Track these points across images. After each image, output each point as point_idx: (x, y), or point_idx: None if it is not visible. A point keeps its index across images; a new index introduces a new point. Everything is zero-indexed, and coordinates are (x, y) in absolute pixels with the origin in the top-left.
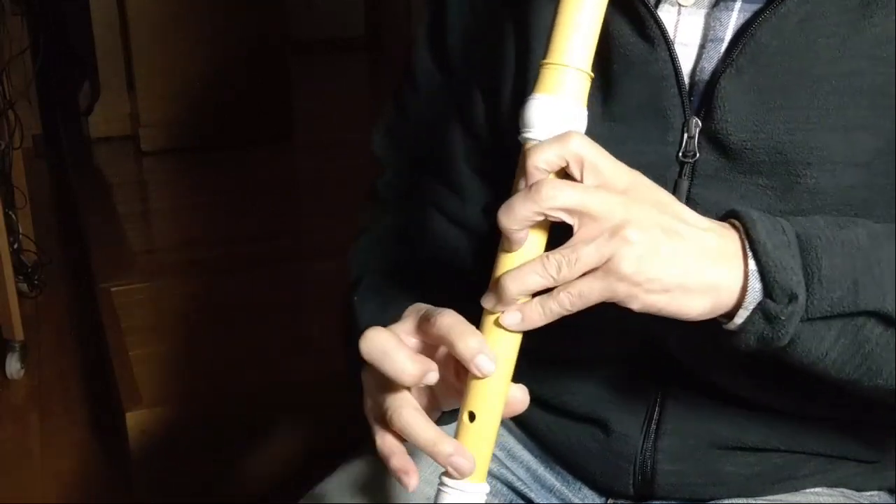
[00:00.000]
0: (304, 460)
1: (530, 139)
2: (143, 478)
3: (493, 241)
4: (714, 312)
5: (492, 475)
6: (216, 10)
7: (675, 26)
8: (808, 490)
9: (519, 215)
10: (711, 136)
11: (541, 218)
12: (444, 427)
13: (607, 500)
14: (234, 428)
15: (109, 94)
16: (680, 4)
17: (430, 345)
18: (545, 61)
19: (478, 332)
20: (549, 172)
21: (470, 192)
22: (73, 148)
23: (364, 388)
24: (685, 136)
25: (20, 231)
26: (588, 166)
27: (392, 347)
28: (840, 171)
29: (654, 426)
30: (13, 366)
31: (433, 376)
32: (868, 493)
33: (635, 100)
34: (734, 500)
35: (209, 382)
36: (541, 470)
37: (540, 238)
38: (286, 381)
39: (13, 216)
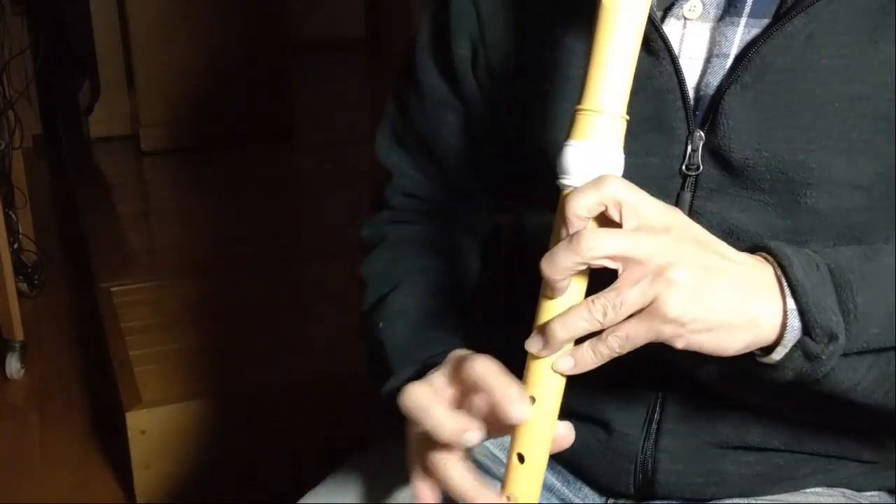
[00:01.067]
0: (304, 460)
1: (568, 185)
2: (143, 478)
3: (497, 245)
4: (752, 347)
5: (491, 475)
6: (216, 10)
7: (681, 40)
8: (808, 490)
9: (561, 266)
10: (715, 151)
11: (583, 267)
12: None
13: (608, 499)
14: (233, 428)
15: (109, 94)
16: (685, 18)
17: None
18: (580, 107)
19: (508, 379)
20: (589, 219)
21: (476, 198)
22: (73, 148)
23: (407, 435)
24: (689, 148)
25: (20, 231)
26: (627, 209)
27: (431, 403)
28: (841, 193)
29: (654, 426)
30: (13, 366)
31: (474, 436)
32: (868, 494)
33: (640, 112)
34: (735, 500)
35: (209, 382)
36: None
37: (581, 282)
38: (286, 381)
39: (13, 216)
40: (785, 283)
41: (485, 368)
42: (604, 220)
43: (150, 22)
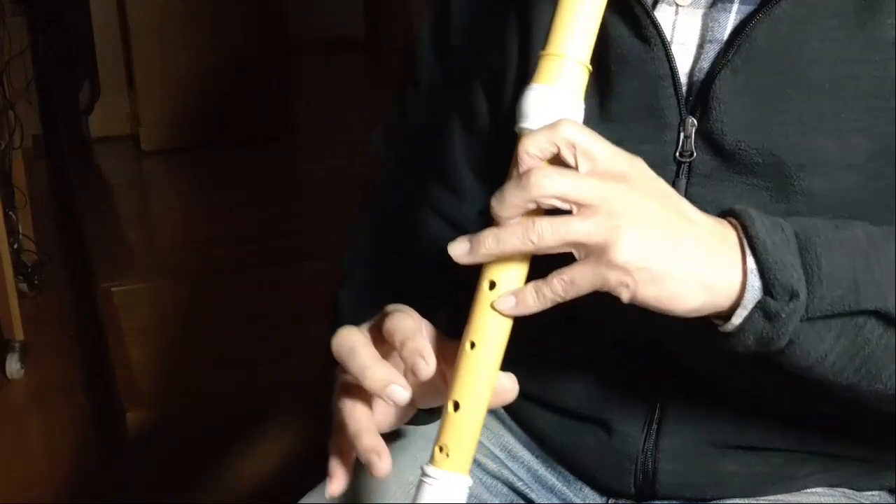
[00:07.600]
0: (303, 460)
1: (526, 129)
2: (143, 478)
3: None
4: (708, 310)
5: (492, 475)
6: (216, 10)
7: (673, 26)
8: (809, 490)
9: (510, 203)
10: (707, 137)
11: (533, 206)
12: (424, 427)
13: (608, 499)
14: (233, 428)
15: (109, 94)
16: (677, 4)
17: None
18: (544, 52)
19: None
20: (542, 160)
21: (468, 193)
22: (73, 148)
23: (336, 382)
24: (682, 135)
25: (20, 231)
26: (581, 152)
27: (359, 346)
28: (834, 173)
29: (655, 425)
30: (13, 366)
31: (400, 393)
32: (869, 493)
33: (632, 99)
34: (735, 500)
35: (209, 382)
36: (542, 470)
37: None
38: (286, 381)
39: (13, 216)
40: (746, 244)
41: (399, 320)
42: (560, 165)
43: (150, 22)
